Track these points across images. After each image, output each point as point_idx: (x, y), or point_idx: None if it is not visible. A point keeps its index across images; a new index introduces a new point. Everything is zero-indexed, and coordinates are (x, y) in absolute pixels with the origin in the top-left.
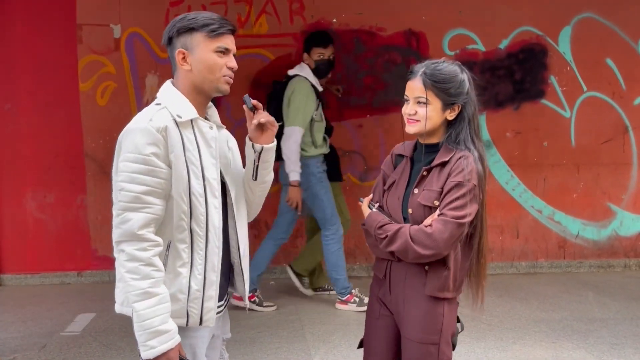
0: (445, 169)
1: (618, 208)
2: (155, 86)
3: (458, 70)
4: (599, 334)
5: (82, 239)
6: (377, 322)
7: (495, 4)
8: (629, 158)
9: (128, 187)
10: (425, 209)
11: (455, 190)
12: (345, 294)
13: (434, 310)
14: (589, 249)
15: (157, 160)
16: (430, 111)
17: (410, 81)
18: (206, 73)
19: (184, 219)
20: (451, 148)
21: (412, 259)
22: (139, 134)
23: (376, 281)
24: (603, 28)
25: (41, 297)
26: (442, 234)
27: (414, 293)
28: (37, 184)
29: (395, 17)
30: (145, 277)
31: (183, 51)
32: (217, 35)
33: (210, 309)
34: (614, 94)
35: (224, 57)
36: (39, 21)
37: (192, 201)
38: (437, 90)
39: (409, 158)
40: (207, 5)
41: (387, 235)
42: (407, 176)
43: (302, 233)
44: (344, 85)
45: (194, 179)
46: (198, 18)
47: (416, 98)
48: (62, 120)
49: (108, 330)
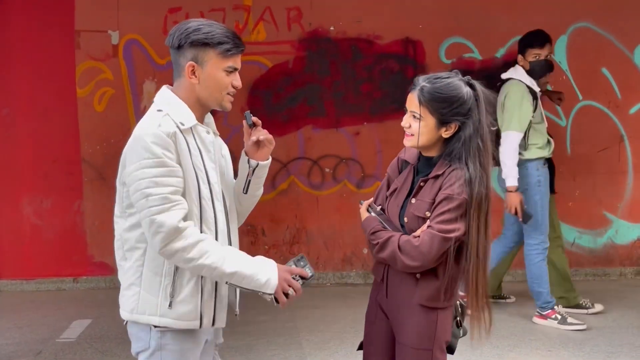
0: (438, 182)
1: (614, 216)
2: (153, 92)
3: (459, 88)
4: (595, 342)
5: (79, 245)
6: (374, 326)
7: (492, 13)
8: (624, 167)
9: (155, 192)
10: (419, 220)
11: (444, 203)
12: (547, 309)
13: (427, 317)
14: (585, 257)
15: (172, 162)
16: (423, 127)
17: (410, 93)
18: (213, 90)
19: (195, 222)
20: (446, 162)
21: (401, 268)
22: (151, 139)
23: (375, 284)
24: (599, 37)
25: (37, 303)
26: (427, 246)
27: (408, 299)
28: (34, 189)
29: (393, 25)
30: (210, 248)
31: (193, 64)
32: (230, 55)
33: (222, 308)
34: (609, 103)
35: (230, 76)
36: (37, 27)
37: (202, 205)
38: (432, 108)
39: (413, 167)
40: (205, 12)
41: (378, 242)
42: (408, 185)
43: (299, 239)
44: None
45: (202, 184)
46: (214, 34)
47: (412, 112)
48: (60, 126)
49: (104, 337)
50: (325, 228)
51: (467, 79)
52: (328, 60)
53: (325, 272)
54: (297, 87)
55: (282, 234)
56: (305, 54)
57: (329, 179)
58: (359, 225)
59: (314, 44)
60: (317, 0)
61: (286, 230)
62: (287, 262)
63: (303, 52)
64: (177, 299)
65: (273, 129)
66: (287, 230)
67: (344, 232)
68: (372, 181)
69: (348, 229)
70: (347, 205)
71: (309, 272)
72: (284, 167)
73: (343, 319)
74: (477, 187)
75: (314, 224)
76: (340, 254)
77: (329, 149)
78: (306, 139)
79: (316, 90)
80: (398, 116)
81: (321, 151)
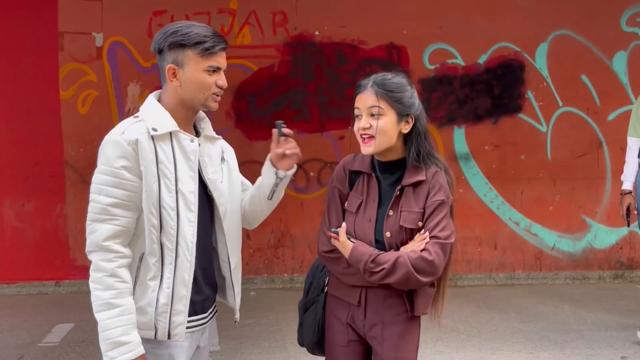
0: (422, 188)
1: (593, 221)
2: (138, 95)
3: (407, 82)
4: (575, 344)
5: (61, 248)
6: (346, 349)
7: (475, 20)
8: (603, 172)
9: (97, 199)
10: (406, 231)
11: (439, 210)
12: None
13: (412, 328)
14: (565, 261)
15: (126, 174)
16: (385, 123)
17: (361, 94)
18: (195, 91)
19: (153, 232)
20: (419, 166)
21: (411, 287)
22: (110, 146)
23: (340, 307)
24: (578, 45)
25: (18, 307)
26: (440, 258)
27: (394, 314)
28: (15, 192)
29: (377, 30)
30: (108, 288)
31: (174, 67)
32: (210, 54)
33: (178, 324)
34: (588, 109)
35: (214, 75)
36: (20, 28)
37: (162, 214)
38: (391, 100)
39: (370, 175)
40: (190, 15)
41: (383, 268)
42: (375, 196)
43: (283, 243)
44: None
45: (165, 192)
46: (191, 34)
47: (369, 109)
48: (42, 129)
49: (87, 341)
50: (310, 232)
51: (404, 76)
52: (313, 65)
53: None
54: (282, 91)
55: (266, 238)
56: (290, 58)
57: (313, 183)
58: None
59: (299, 48)
60: (302, 5)
61: (271, 234)
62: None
63: (288, 56)
64: (137, 306)
65: (257, 132)
66: (272, 234)
67: None
68: None
69: None
70: None
71: None
72: None
73: None
74: (452, 175)
75: (299, 228)
76: None
77: (313, 153)
78: None
79: (301, 95)
80: None
81: (306, 155)
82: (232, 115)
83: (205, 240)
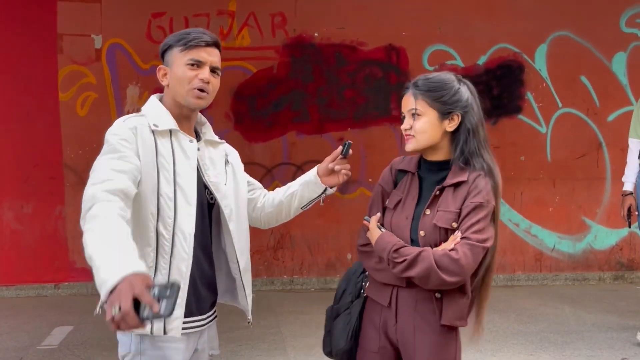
0: (462, 189)
1: (592, 222)
2: (137, 97)
3: (452, 79)
4: (575, 346)
5: (60, 250)
6: (376, 355)
7: (474, 21)
8: (602, 173)
9: (95, 170)
10: (440, 231)
11: (476, 212)
12: None
13: (447, 338)
14: (565, 262)
15: (127, 150)
16: (424, 123)
17: (404, 97)
18: (177, 86)
19: (150, 219)
20: (463, 167)
21: (434, 286)
22: (112, 131)
23: (374, 309)
24: (578, 46)
25: (17, 309)
26: (468, 259)
27: (425, 321)
28: (14, 194)
29: (376, 32)
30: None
31: (164, 68)
32: (188, 48)
33: (174, 318)
34: (588, 110)
35: (195, 70)
36: (19, 30)
37: (160, 203)
38: (430, 100)
39: (414, 174)
40: (189, 17)
41: (405, 259)
42: (415, 194)
43: (283, 245)
44: (326, 99)
45: (164, 182)
46: (178, 34)
47: (409, 111)
48: (42, 130)
49: (86, 344)
50: (309, 233)
51: (452, 72)
52: (312, 66)
53: (309, 278)
54: (281, 92)
55: (266, 239)
56: (290, 59)
57: None
58: (342, 230)
59: (298, 49)
60: (301, 7)
61: (270, 236)
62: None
63: (287, 57)
64: None
65: (257, 134)
66: (272, 236)
67: (328, 237)
68: (356, 187)
69: (332, 235)
70: (331, 211)
71: (163, 309)
72: (268, 173)
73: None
74: (498, 179)
75: (298, 230)
76: (324, 259)
77: (313, 155)
78: (290, 144)
79: (300, 96)
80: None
81: (305, 156)
82: (231, 116)
83: (203, 240)
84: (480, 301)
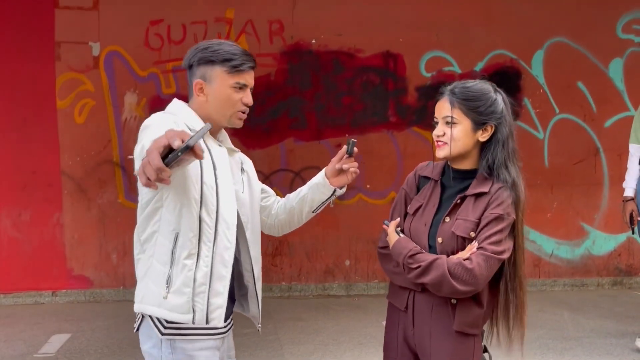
0: (483, 199)
1: (591, 227)
2: (134, 104)
3: (489, 89)
4: (574, 352)
5: (58, 258)
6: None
7: (471, 27)
8: (600, 179)
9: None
10: (458, 240)
11: (494, 224)
12: None
13: (464, 344)
14: (563, 268)
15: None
16: (459, 132)
17: (439, 102)
18: (221, 107)
19: (194, 205)
20: (487, 177)
21: (446, 294)
22: (156, 120)
23: (395, 312)
24: (574, 52)
25: (14, 317)
26: (482, 269)
27: (442, 326)
28: (12, 201)
29: (374, 38)
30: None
31: (201, 82)
32: (237, 72)
33: (218, 306)
34: (585, 116)
35: (240, 93)
36: (17, 38)
37: (203, 190)
38: (466, 109)
39: (437, 182)
40: (187, 24)
41: (419, 266)
42: (436, 202)
43: (281, 251)
44: (324, 105)
45: (206, 171)
46: (220, 51)
47: (444, 118)
48: (39, 138)
49: (83, 352)
50: (307, 240)
51: (488, 82)
52: (310, 73)
53: (307, 284)
54: (279, 99)
55: (264, 246)
56: (287, 66)
57: None
58: (341, 236)
59: (295, 56)
60: (298, 14)
61: (268, 242)
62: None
63: (285, 64)
64: (172, 289)
65: (255, 140)
66: (270, 242)
67: (326, 243)
68: (354, 193)
69: (330, 241)
70: (329, 217)
71: (189, 140)
72: (266, 179)
73: (325, 330)
74: (521, 193)
75: (296, 236)
76: (322, 265)
77: (310, 161)
78: (288, 151)
79: (298, 103)
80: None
81: (303, 163)
82: None
83: None
84: (519, 317)
